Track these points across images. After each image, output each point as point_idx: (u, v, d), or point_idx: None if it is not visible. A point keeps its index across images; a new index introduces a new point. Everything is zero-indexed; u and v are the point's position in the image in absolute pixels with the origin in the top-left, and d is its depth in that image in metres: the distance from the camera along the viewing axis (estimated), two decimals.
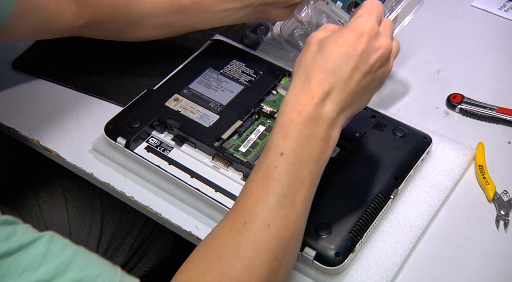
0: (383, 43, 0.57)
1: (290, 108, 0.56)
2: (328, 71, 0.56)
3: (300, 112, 0.55)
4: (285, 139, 0.55)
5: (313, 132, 0.55)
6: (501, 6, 0.97)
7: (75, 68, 0.88)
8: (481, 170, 0.74)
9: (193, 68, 0.83)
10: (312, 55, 0.57)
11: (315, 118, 0.55)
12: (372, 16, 0.57)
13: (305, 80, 0.56)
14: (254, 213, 0.54)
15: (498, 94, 0.84)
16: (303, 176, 0.55)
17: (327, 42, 0.57)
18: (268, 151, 0.56)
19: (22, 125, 0.81)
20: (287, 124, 0.56)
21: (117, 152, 0.75)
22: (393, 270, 0.65)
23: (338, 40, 0.56)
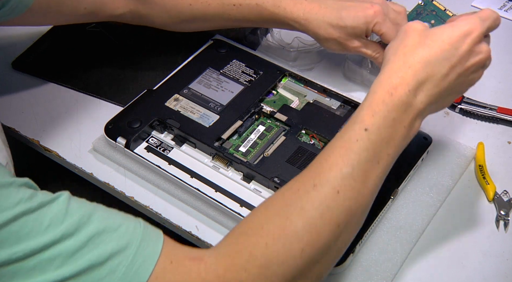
0: (484, 49, 0.59)
1: (383, 88, 0.56)
2: (428, 63, 0.56)
3: (393, 95, 0.56)
4: (373, 116, 0.55)
5: (400, 117, 0.56)
6: (501, 6, 0.97)
7: (75, 68, 0.88)
8: (481, 170, 0.74)
9: (193, 68, 0.83)
10: (413, 44, 0.58)
11: (406, 104, 0.56)
12: (484, 22, 0.59)
13: (403, 65, 0.57)
14: (326, 178, 0.54)
15: (498, 94, 0.84)
16: (381, 156, 0.56)
17: (431, 35, 0.58)
18: (353, 124, 0.56)
19: (22, 125, 0.81)
20: (377, 103, 0.56)
21: (117, 152, 0.75)
22: (393, 270, 0.65)
23: (442, 37, 0.57)
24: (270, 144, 0.74)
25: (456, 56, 0.57)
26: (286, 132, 0.75)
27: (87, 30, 0.93)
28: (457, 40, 0.57)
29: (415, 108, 0.57)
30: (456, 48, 0.57)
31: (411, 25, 0.59)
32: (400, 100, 0.56)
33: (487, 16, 0.60)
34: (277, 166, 0.70)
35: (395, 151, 0.57)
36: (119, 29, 0.93)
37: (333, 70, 0.88)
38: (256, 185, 0.71)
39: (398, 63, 0.57)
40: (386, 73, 0.57)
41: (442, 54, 0.57)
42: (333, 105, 0.79)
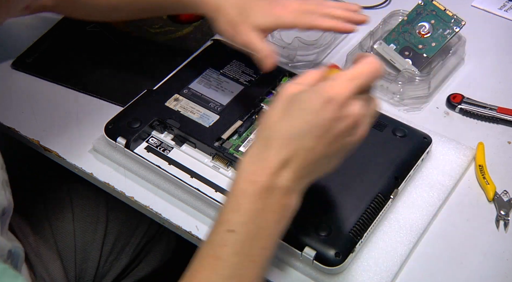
0: (352, 112, 0.52)
1: (244, 177, 0.52)
2: (290, 138, 0.52)
3: (254, 183, 0.51)
4: (236, 212, 0.52)
5: (266, 204, 0.52)
6: (501, 6, 0.97)
7: (75, 68, 0.88)
8: (481, 170, 0.74)
9: (193, 68, 0.83)
10: (277, 115, 0.53)
11: (270, 188, 0.51)
12: (350, 83, 0.52)
13: (265, 145, 0.52)
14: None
15: (498, 94, 0.84)
16: (254, 254, 0.52)
17: (293, 104, 0.52)
18: (218, 225, 0.53)
19: (22, 125, 0.81)
20: (239, 196, 0.52)
21: (117, 152, 0.75)
22: (393, 270, 0.65)
23: (304, 105, 0.52)
24: None
25: (320, 126, 0.51)
26: None
27: (87, 30, 0.93)
28: (319, 108, 0.51)
29: (282, 188, 0.52)
30: (319, 117, 0.51)
31: (286, 88, 0.54)
32: (263, 187, 0.51)
33: (357, 74, 0.53)
34: None
35: (270, 241, 0.53)
36: (119, 29, 0.93)
37: None
38: None
39: (261, 142, 0.53)
40: (248, 157, 0.53)
41: (305, 126, 0.51)
42: None
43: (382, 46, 0.85)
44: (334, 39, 0.90)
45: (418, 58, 0.84)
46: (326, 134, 0.52)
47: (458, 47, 0.86)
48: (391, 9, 0.92)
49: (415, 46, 0.84)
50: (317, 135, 0.51)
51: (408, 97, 0.82)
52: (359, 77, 0.53)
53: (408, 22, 0.86)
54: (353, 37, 0.92)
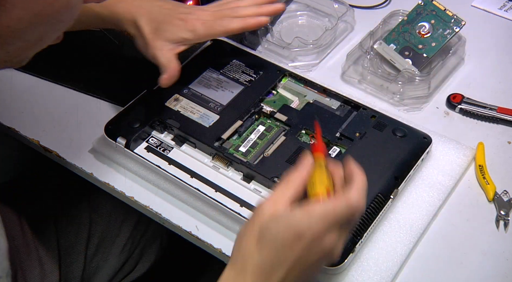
0: (324, 246, 0.52)
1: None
2: (263, 268, 0.52)
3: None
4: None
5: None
6: (501, 6, 0.97)
7: (75, 68, 0.88)
8: (481, 170, 0.74)
9: (193, 68, 0.83)
10: (252, 244, 0.53)
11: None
12: (324, 221, 0.51)
13: (240, 271, 0.53)
14: None
15: (498, 94, 0.84)
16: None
17: (266, 236, 0.52)
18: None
19: (22, 125, 0.81)
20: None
21: (117, 152, 0.75)
22: (393, 270, 0.65)
23: (276, 239, 0.51)
24: (270, 144, 0.74)
25: (292, 260, 0.51)
26: (286, 132, 0.75)
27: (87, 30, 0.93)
28: (291, 243, 0.51)
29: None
30: (291, 252, 0.51)
31: (260, 209, 0.53)
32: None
33: (333, 214, 0.51)
34: (277, 166, 0.70)
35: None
36: None
37: (333, 70, 0.88)
38: (256, 185, 0.71)
39: (236, 266, 0.54)
40: (225, 278, 0.54)
41: (276, 260, 0.52)
42: (333, 105, 0.79)
43: (382, 46, 0.85)
44: (334, 39, 0.90)
45: (418, 58, 0.84)
46: (298, 266, 0.52)
47: (458, 47, 0.86)
48: (391, 9, 0.92)
49: (415, 46, 0.84)
50: (289, 267, 0.52)
51: (408, 97, 0.82)
52: (335, 217, 0.51)
53: (408, 22, 0.86)
54: (353, 37, 0.92)
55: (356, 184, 0.53)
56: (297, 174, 0.55)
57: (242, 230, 0.54)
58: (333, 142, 0.74)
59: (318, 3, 0.95)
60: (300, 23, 0.95)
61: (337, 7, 0.92)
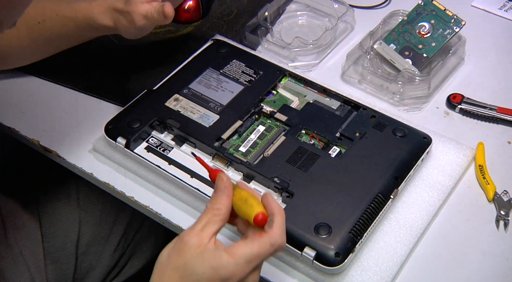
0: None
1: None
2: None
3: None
4: None
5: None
6: (501, 6, 0.97)
7: (75, 68, 0.88)
8: (481, 170, 0.74)
9: (193, 68, 0.83)
10: (174, 275, 0.52)
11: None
12: (248, 265, 0.52)
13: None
14: None
15: (498, 94, 0.84)
16: None
17: (192, 273, 0.52)
18: None
19: (22, 125, 0.81)
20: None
21: (117, 152, 0.75)
22: (393, 270, 0.65)
23: (201, 278, 0.52)
24: (270, 144, 0.74)
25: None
26: (286, 132, 0.75)
27: None
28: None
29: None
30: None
31: (185, 242, 0.53)
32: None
33: (256, 256, 0.52)
34: (277, 166, 0.70)
35: None
36: None
37: (333, 70, 0.88)
38: (256, 185, 0.71)
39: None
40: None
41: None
42: (333, 105, 0.79)
43: (382, 46, 0.85)
44: (334, 39, 0.90)
45: (418, 58, 0.84)
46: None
47: (458, 47, 0.86)
48: (391, 9, 0.92)
49: (415, 46, 0.84)
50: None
51: (408, 97, 0.82)
52: (257, 259, 0.52)
53: (408, 22, 0.86)
54: (353, 37, 0.92)
55: (277, 221, 0.53)
56: (222, 201, 0.54)
57: (164, 259, 0.53)
58: (333, 142, 0.74)
59: (318, 3, 0.95)
60: (300, 23, 0.95)
61: (337, 7, 0.92)
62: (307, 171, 0.69)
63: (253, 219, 0.53)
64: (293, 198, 0.67)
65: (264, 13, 0.91)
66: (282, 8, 0.95)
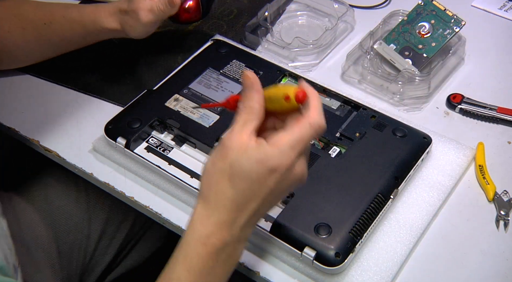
0: (296, 174, 0.53)
1: (197, 239, 0.54)
2: (237, 204, 0.53)
3: (206, 244, 0.53)
4: (187, 272, 0.53)
5: (217, 261, 0.54)
6: (501, 6, 0.97)
7: (75, 68, 0.88)
8: (481, 170, 0.74)
9: (193, 68, 0.83)
10: (222, 180, 0.53)
11: (220, 248, 0.54)
12: (292, 151, 0.52)
13: (213, 208, 0.54)
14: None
15: (498, 94, 0.84)
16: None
17: (237, 173, 0.52)
18: (169, 280, 0.54)
19: (22, 125, 0.81)
20: (191, 256, 0.54)
21: (117, 152, 0.75)
22: (393, 270, 0.65)
23: (248, 175, 0.52)
24: None
25: (265, 192, 0.53)
26: None
27: None
28: (263, 178, 0.52)
29: (232, 243, 0.54)
30: (264, 186, 0.52)
31: (227, 144, 0.53)
32: (215, 248, 0.53)
33: (298, 140, 0.52)
34: None
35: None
36: None
37: (333, 70, 0.88)
38: None
39: (207, 204, 0.54)
40: (197, 218, 0.54)
41: (250, 194, 0.53)
42: (333, 105, 0.79)
43: (382, 46, 0.85)
44: (334, 39, 0.90)
45: (418, 58, 0.84)
46: (271, 196, 0.54)
47: (458, 47, 0.86)
48: (391, 9, 0.92)
49: (415, 46, 0.84)
50: (263, 199, 0.53)
51: (408, 97, 0.82)
52: (303, 143, 0.52)
53: (408, 22, 0.86)
54: (353, 37, 0.92)
55: (313, 104, 0.53)
56: (255, 98, 0.54)
57: (210, 166, 0.54)
58: (333, 142, 0.74)
59: (318, 3, 0.95)
60: (300, 23, 0.95)
61: (337, 7, 0.92)
62: None
63: (294, 96, 0.52)
64: (293, 198, 0.67)
65: (264, 13, 0.91)
66: (282, 8, 0.95)
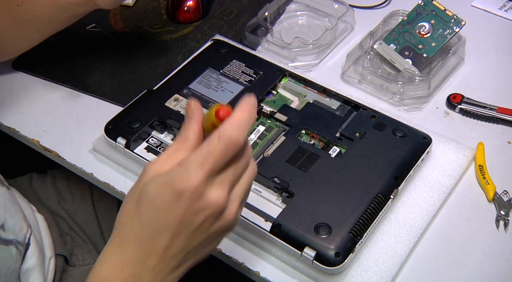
0: (209, 201, 0.46)
1: (101, 279, 0.48)
2: (143, 238, 0.47)
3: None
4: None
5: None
6: (501, 6, 0.97)
7: (75, 68, 0.88)
8: (481, 170, 0.74)
9: (193, 68, 0.83)
10: (130, 211, 0.48)
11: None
12: (201, 168, 0.45)
13: (119, 244, 0.48)
14: None
15: (498, 94, 0.84)
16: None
17: (144, 200, 0.47)
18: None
19: (22, 125, 0.81)
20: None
21: (117, 152, 0.75)
22: (393, 270, 0.65)
23: (154, 201, 0.46)
24: (270, 144, 0.74)
25: (174, 223, 0.46)
26: (286, 132, 0.75)
27: (87, 30, 0.93)
28: (169, 204, 0.45)
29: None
30: (171, 214, 0.46)
31: (145, 172, 0.48)
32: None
33: (207, 156, 0.45)
34: (277, 166, 0.70)
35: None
36: (119, 29, 0.93)
37: (333, 70, 0.88)
38: (256, 185, 0.71)
39: (116, 240, 0.49)
40: (103, 254, 0.49)
41: (157, 225, 0.46)
42: (333, 105, 0.79)
43: (382, 46, 0.85)
44: (334, 39, 0.90)
45: (418, 58, 0.84)
46: (183, 230, 0.47)
47: (458, 47, 0.86)
48: (391, 9, 0.92)
49: (415, 46, 0.84)
50: (173, 232, 0.46)
51: (408, 97, 0.82)
52: (209, 159, 0.45)
53: (408, 22, 0.86)
54: (353, 37, 0.92)
55: (233, 117, 0.47)
56: (190, 127, 0.48)
57: (127, 195, 0.49)
58: (333, 142, 0.74)
59: (318, 3, 0.95)
60: (300, 23, 0.95)
61: (337, 7, 0.92)
62: (307, 171, 0.69)
63: (214, 115, 0.46)
64: (293, 198, 0.67)
65: (264, 13, 0.91)
66: (282, 8, 0.95)
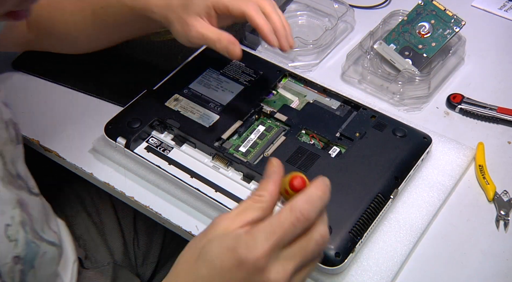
0: (271, 279, 0.44)
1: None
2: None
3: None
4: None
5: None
6: (501, 6, 0.97)
7: (75, 68, 0.88)
8: (481, 170, 0.74)
9: (193, 68, 0.83)
10: (190, 260, 0.47)
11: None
12: (267, 240, 0.43)
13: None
14: None
15: (498, 94, 0.84)
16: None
17: (208, 253, 0.45)
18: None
19: (22, 125, 0.80)
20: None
21: (117, 152, 0.75)
22: (393, 270, 0.65)
23: (216, 261, 0.45)
24: (270, 144, 0.74)
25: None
26: (286, 132, 0.75)
27: None
28: (228, 270, 0.44)
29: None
30: (227, 280, 0.44)
31: (215, 224, 0.47)
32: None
33: (276, 227, 0.44)
34: None
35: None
36: None
37: (333, 70, 0.88)
38: (256, 185, 0.71)
39: (172, 279, 0.48)
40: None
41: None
42: (333, 105, 0.79)
43: (382, 46, 0.85)
44: (334, 39, 0.90)
45: (418, 58, 0.84)
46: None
47: (458, 47, 0.86)
48: (391, 9, 0.92)
49: (415, 46, 0.84)
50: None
51: (408, 97, 0.82)
52: (279, 229, 0.44)
53: (408, 22, 0.86)
54: (353, 37, 0.92)
55: (306, 191, 0.46)
56: (267, 187, 0.47)
57: (191, 242, 0.48)
58: (333, 142, 0.74)
59: (318, 3, 0.95)
60: (300, 23, 0.95)
61: (337, 7, 0.93)
62: (307, 171, 0.69)
63: (288, 183, 0.45)
64: None
65: None
66: (282, 8, 0.95)
